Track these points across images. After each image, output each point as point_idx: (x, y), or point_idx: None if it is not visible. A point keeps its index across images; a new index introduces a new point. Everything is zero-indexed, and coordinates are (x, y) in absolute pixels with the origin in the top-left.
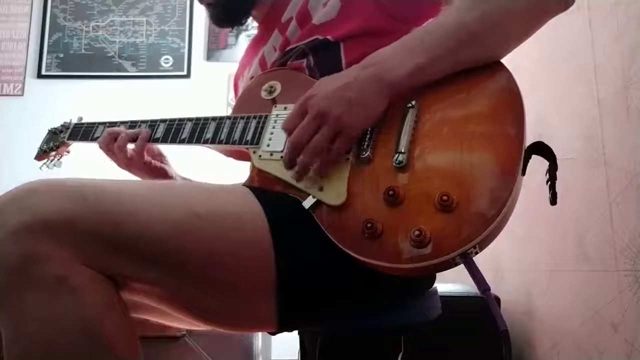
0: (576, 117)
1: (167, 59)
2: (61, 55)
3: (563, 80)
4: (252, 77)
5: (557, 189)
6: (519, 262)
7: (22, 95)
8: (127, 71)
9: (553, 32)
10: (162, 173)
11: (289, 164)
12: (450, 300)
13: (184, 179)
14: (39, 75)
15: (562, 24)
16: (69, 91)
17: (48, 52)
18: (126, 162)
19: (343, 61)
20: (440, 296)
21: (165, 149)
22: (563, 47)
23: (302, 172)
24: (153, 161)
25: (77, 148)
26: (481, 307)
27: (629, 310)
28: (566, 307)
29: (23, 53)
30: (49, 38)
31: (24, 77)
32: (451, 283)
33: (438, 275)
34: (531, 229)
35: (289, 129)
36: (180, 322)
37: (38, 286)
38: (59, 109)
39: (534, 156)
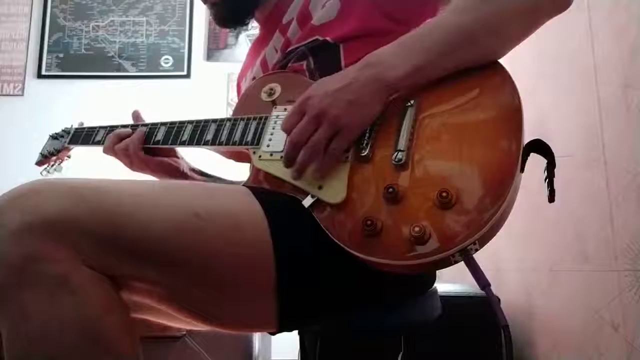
0: (576, 117)
1: (167, 59)
2: (61, 55)
3: (563, 80)
4: (254, 79)
5: (557, 188)
6: (519, 261)
7: (22, 95)
8: (127, 71)
9: (553, 32)
10: (172, 169)
11: (288, 162)
12: (450, 300)
13: (194, 170)
14: (39, 75)
15: (562, 24)
16: (69, 91)
17: (48, 52)
18: (129, 163)
19: (342, 63)
20: (440, 296)
21: None
22: (563, 47)
23: (300, 170)
24: (163, 159)
25: (78, 151)
26: (481, 306)
27: (629, 310)
28: (566, 307)
29: (23, 53)
30: (49, 38)
31: (24, 77)
32: (450, 283)
33: (436, 274)
34: (531, 228)
35: (287, 129)
36: (180, 322)
37: (38, 286)
38: (59, 109)
39: (534, 157)
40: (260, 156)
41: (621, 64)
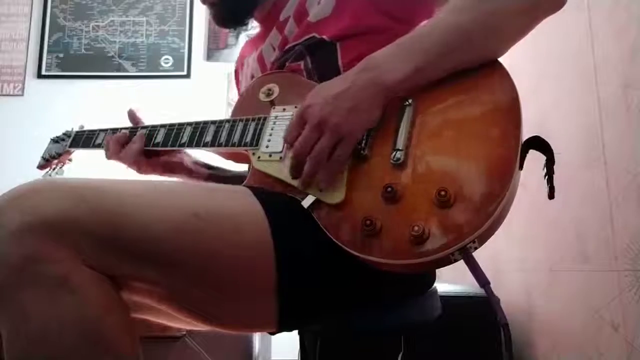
0: (576, 117)
1: (167, 59)
2: (61, 55)
3: (563, 80)
4: (252, 76)
5: (557, 189)
6: (519, 262)
7: (22, 95)
8: (127, 71)
9: (553, 32)
10: (176, 166)
11: (295, 174)
12: (449, 300)
13: (198, 163)
14: (39, 75)
15: (562, 24)
16: (69, 91)
17: (48, 52)
18: (137, 169)
19: (340, 62)
20: (440, 296)
21: None
22: (563, 47)
23: (308, 181)
24: (168, 158)
25: (79, 153)
26: (480, 306)
27: (629, 310)
28: (566, 307)
29: (23, 53)
30: (49, 38)
31: (24, 77)
32: (450, 283)
33: (436, 274)
34: (531, 229)
35: (290, 140)
36: (180, 322)
37: (38, 286)
38: (59, 109)
39: (534, 158)
40: (259, 157)
41: (621, 64)
